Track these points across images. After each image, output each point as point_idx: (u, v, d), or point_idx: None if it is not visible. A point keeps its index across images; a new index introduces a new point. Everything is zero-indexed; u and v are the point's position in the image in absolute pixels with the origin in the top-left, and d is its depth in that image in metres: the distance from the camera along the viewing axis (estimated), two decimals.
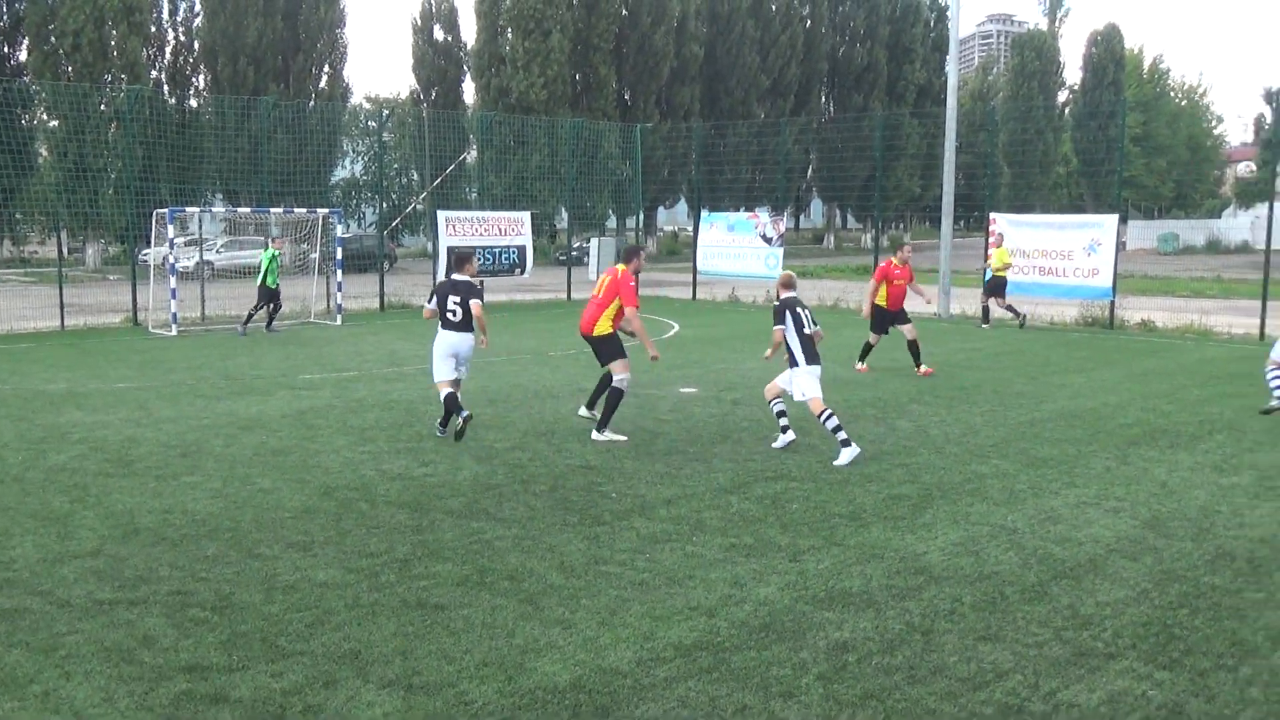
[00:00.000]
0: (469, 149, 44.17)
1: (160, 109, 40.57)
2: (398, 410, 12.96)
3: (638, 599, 6.60)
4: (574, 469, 9.95)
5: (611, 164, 43.31)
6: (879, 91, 69.32)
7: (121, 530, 7.98)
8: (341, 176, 58.58)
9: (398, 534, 7.91)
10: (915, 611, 6.43)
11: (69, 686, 5.38)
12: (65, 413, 12.79)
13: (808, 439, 11.30)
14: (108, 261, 46.99)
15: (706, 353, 18.70)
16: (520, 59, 53.76)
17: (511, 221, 28.93)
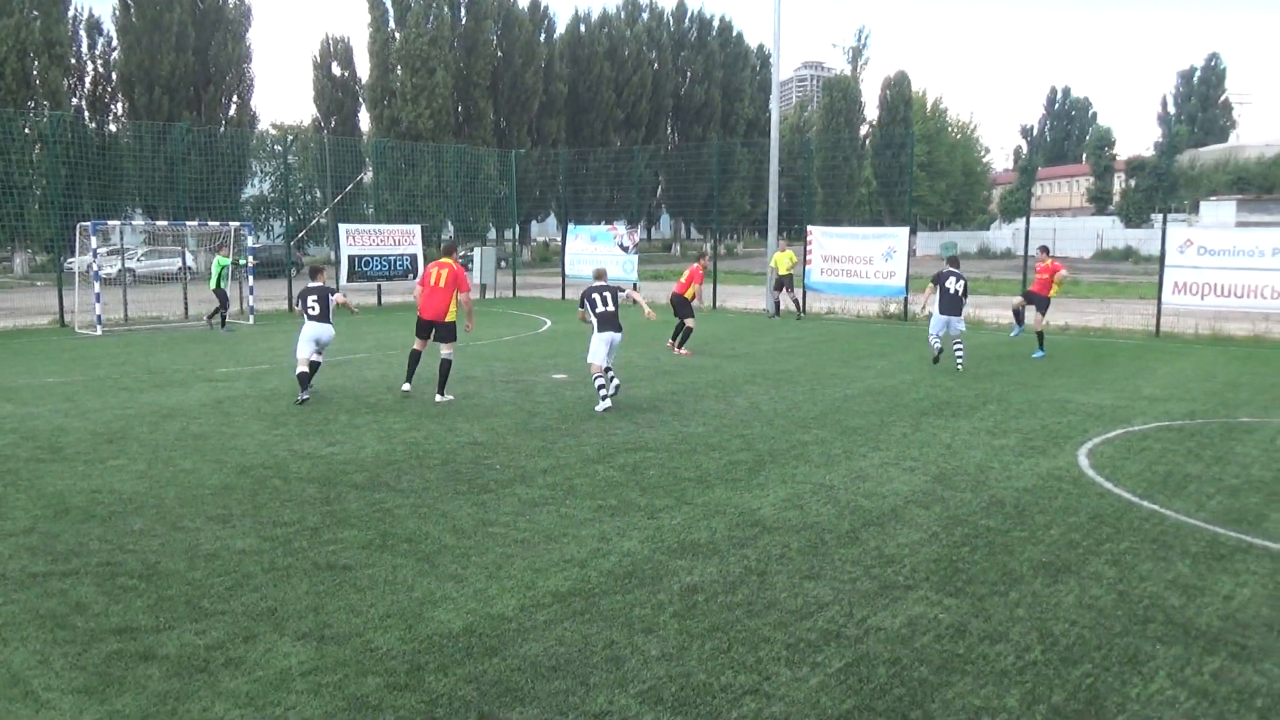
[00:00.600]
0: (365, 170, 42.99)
1: (81, 133, 38.35)
2: (307, 398, 12.53)
3: (520, 555, 6.56)
4: (463, 445, 9.81)
5: (490, 184, 42.76)
6: (715, 124, 70.16)
7: (53, 510, 7.54)
8: (251, 194, 56.33)
9: (308, 505, 7.68)
10: (752, 557, 6.54)
11: (6, 652, 5.07)
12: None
13: (660, 416, 11.37)
14: (35, 269, 44.27)
15: (575, 345, 18.64)
16: (409, 92, 52.60)
17: (404, 233, 28.34)
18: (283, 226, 48.82)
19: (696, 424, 10.89)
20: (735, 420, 11.13)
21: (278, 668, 4.90)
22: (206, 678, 4.80)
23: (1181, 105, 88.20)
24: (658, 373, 14.78)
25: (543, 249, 67.52)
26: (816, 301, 25.96)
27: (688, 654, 5.10)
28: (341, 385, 13.59)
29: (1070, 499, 7.96)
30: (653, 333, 20.49)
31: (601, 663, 4.99)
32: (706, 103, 70.15)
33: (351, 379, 14.19)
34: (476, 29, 55.71)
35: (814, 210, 44.38)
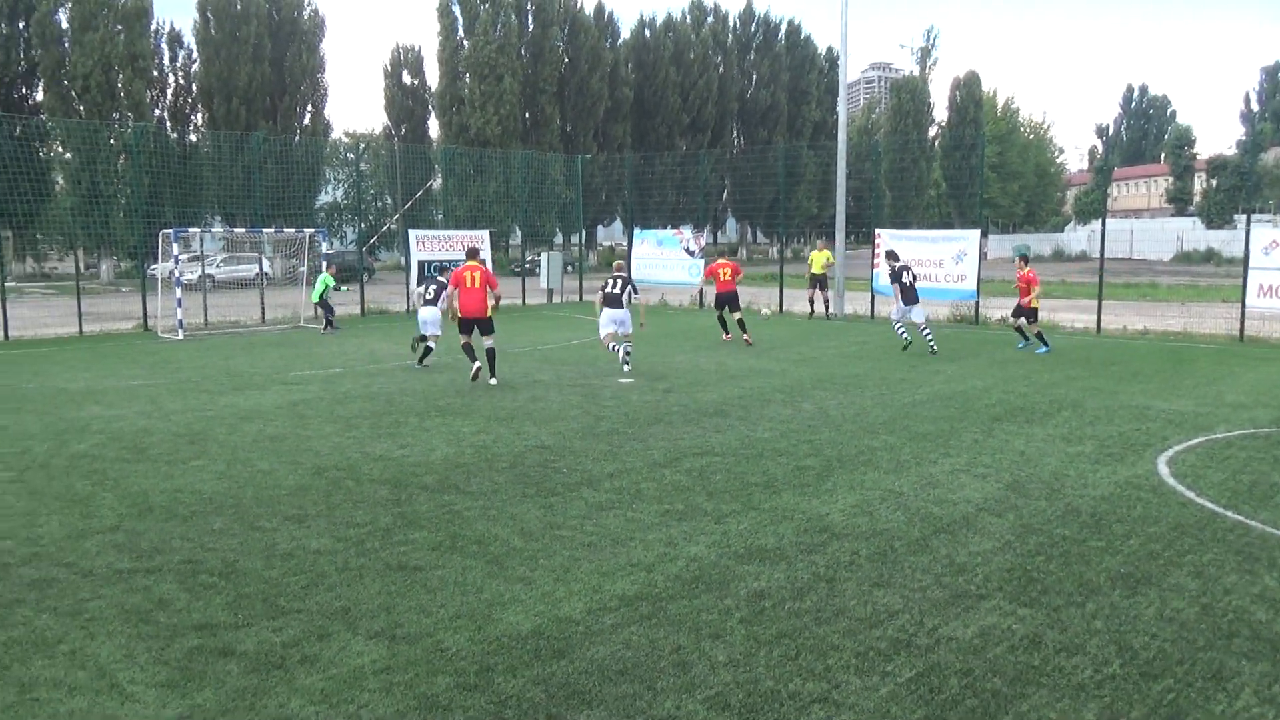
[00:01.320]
0: (434, 177, 43.63)
1: (164, 143, 39.60)
2: (379, 401, 12.78)
3: (587, 558, 6.59)
4: (530, 449, 9.89)
5: (557, 189, 43.08)
6: (781, 127, 69.79)
7: (137, 509, 7.78)
8: (325, 201, 57.56)
9: (380, 507, 7.81)
10: (820, 563, 6.48)
11: (93, 645, 5.24)
12: (85, 407, 12.44)
13: (727, 420, 11.34)
14: (120, 275, 45.75)
15: (641, 349, 18.67)
16: (477, 100, 53.29)
17: (472, 239, 28.69)
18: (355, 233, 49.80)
19: (763, 429, 10.84)
20: (802, 425, 11.04)
21: (351, 666, 5.00)
22: (283, 674, 4.91)
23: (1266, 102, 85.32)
24: (723, 377, 14.74)
25: (608, 253, 67.83)
26: (885, 306, 25.64)
27: (755, 660, 5.07)
28: (411, 388, 13.81)
29: (1150, 508, 7.74)
30: (716, 336, 20.45)
31: (668, 667, 4.99)
32: (773, 106, 69.82)
33: (421, 382, 14.40)
34: (543, 36, 56.24)
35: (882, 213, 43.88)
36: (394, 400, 12.82)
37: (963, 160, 65.10)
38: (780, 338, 20.60)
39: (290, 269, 32.80)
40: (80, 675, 4.91)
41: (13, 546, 6.85)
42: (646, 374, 15.11)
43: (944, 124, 73.54)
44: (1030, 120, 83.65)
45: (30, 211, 33.09)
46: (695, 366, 16.00)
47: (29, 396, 13.36)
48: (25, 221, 33.60)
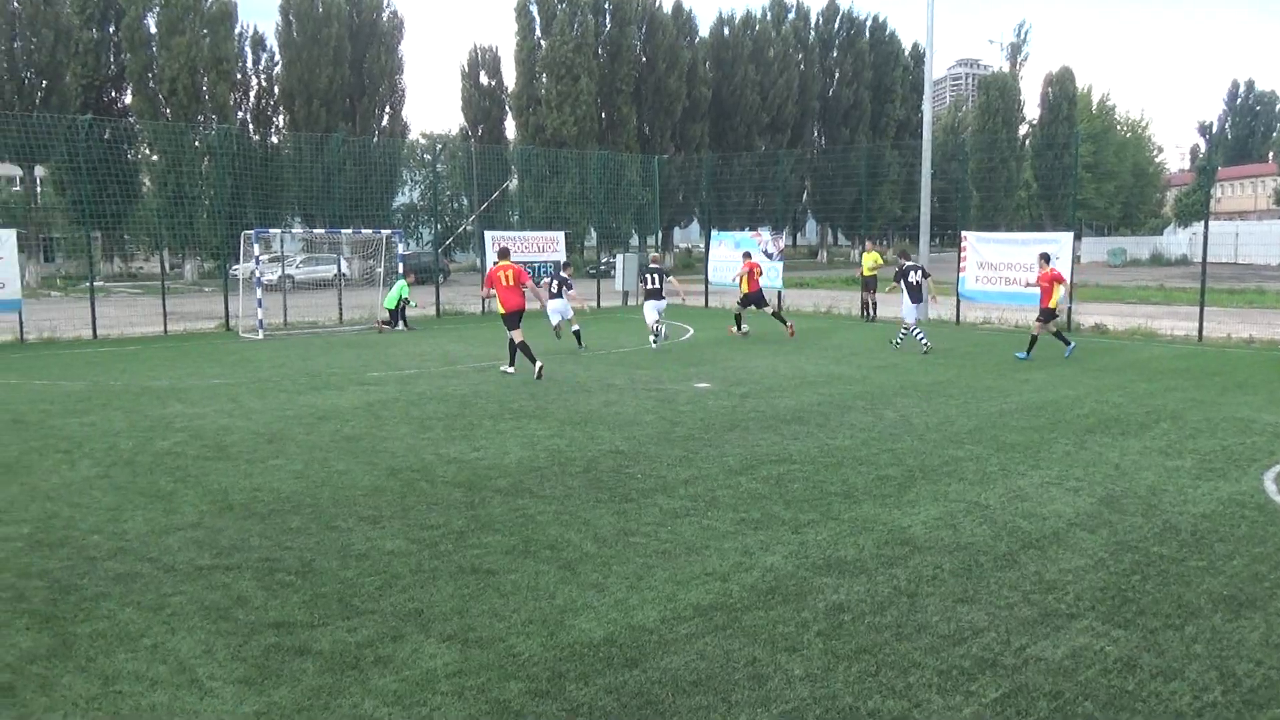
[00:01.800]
0: (511, 178, 44.16)
1: (246, 145, 40.83)
2: (453, 402, 12.98)
3: (661, 566, 6.59)
4: (605, 453, 9.94)
5: (633, 190, 43.24)
6: (864, 126, 69.04)
7: (218, 506, 8.02)
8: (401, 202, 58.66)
9: (454, 509, 7.93)
10: (902, 577, 6.39)
11: (174, 640, 5.41)
12: (169, 405, 12.88)
13: (805, 427, 11.24)
14: (203, 275, 47.29)
15: (718, 353, 18.66)
16: (554, 100, 53.79)
17: (548, 240, 28.94)
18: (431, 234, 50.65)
19: (843, 437, 10.72)
20: (884, 434, 10.90)
21: (424, 668, 5.07)
22: (357, 675, 5.01)
23: None
24: (802, 383, 14.63)
25: (685, 255, 67.85)
26: (971, 310, 25.19)
27: (833, 675, 5.01)
28: (485, 390, 13.99)
29: (1255, 527, 7.45)
30: (795, 342, 20.32)
31: (744, 680, 4.96)
32: (855, 104, 69.11)
33: (495, 384, 14.58)
34: (620, 35, 56.54)
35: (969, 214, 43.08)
36: (468, 402, 13.00)
37: (1055, 160, 63.61)
38: (862, 343, 20.37)
39: (367, 270, 33.49)
40: (161, 669, 5.07)
41: (100, 541, 7.12)
42: (723, 379, 15.08)
43: (1035, 122, 71.93)
44: (1127, 118, 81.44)
45: (118, 212, 34.44)
46: (773, 372, 15.90)
47: (116, 394, 13.88)
48: (114, 222, 34.96)
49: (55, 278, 43.84)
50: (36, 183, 43.84)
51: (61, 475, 9.08)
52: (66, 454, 9.95)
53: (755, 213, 52.79)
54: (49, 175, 42.82)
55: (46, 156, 35.10)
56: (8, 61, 41.00)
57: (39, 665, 5.11)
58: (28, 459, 9.74)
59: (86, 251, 26.24)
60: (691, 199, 57.16)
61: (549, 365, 16.23)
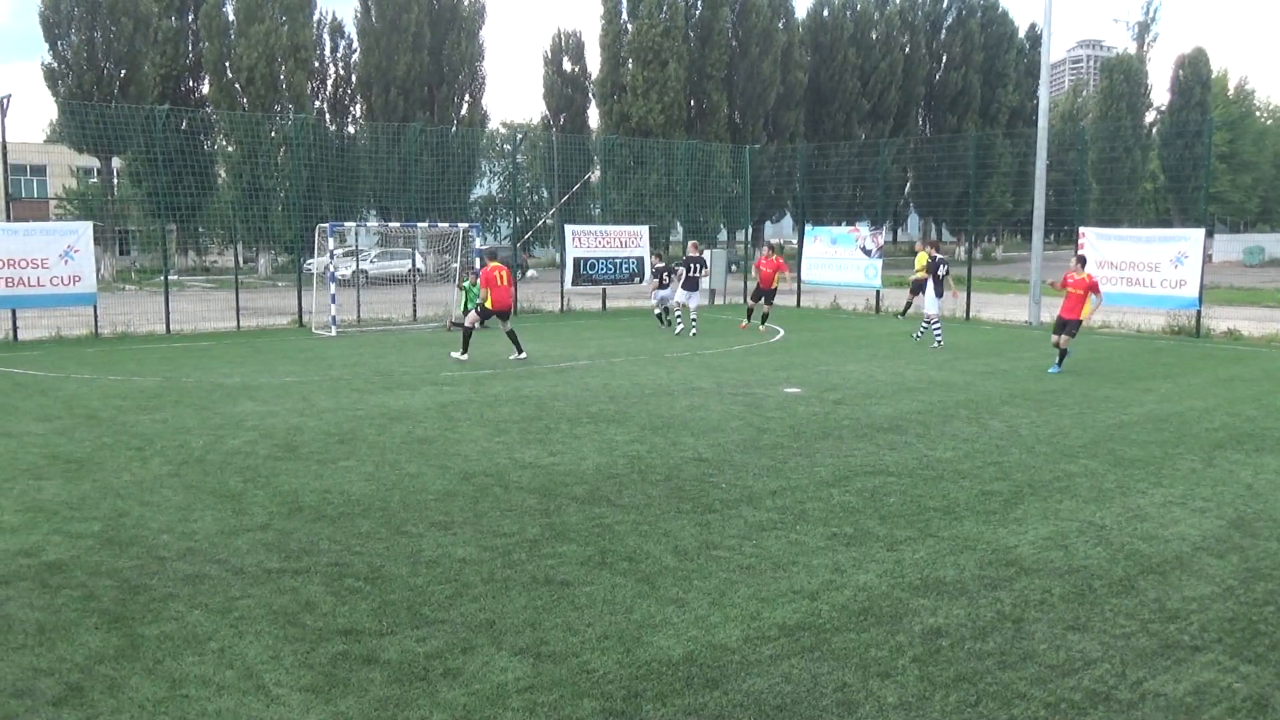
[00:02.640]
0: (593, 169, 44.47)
1: (322, 135, 41.84)
2: (529, 405, 13.12)
3: (745, 581, 6.57)
4: (687, 461, 9.94)
5: (723, 182, 43.13)
6: (973, 113, 67.75)
7: (287, 508, 8.25)
8: (479, 194, 59.47)
9: (528, 516, 8.01)
10: (1006, 601, 6.26)
11: (241, 644, 5.58)
12: (240, 403, 13.29)
13: (903, 437, 11.09)
14: (277, 270, 48.65)
15: (810, 356, 18.52)
16: (640, 87, 53.98)
17: (631, 235, 29.07)
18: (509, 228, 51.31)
19: (944, 448, 10.55)
20: (989, 445, 10.69)
21: (494, 682, 5.14)
22: (425, 686, 5.10)
23: None
24: (900, 389, 14.42)
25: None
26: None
27: (929, 704, 4.93)
28: (563, 393, 14.11)
29: None
30: (894, 344, 20.06)
31: (832, 706, 4.91)
32: (964, 90, 67.89)
33: (574, 386, 14.70)
34: (712, 17, 56.44)
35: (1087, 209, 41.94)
36: (545, 405, 13.13)
37: (1185, 149, 61.58)
38: (968, 346, 20.00)
39: (443, 265, 34.06)
40: (228, 674, 5.24)
41: (169, 541, 7.38)
42: (815, 384, 14.97)
43: (1163, 108, 69.75)
44: (1268, 103, 78.32)
45: (194, 205, 35.64)
46: (869, 377, 15.72)
47: (188, 390, 14.38)
48: (189, 215, 36.19)
49: (130, 271, 45.58)
50: (113, 174, 45.62)
51: (133, 473, 9.43)
52: (138, 451, 10.33)
53: (853, 206, 52.20)
54: (125, 167, 44.54)
55: (124, 148, 36.44)
56: (87, 51, 42.76)
57: (107, 666, 5.32)
58: (100, 455, 10.14)
59: (161, 245, 27.23)
60: (785, 192, 56.83)
61: (629, 364, 16.31)
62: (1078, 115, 79.33)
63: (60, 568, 6.79)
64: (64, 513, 8.07)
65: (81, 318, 22.50)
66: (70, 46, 43.05)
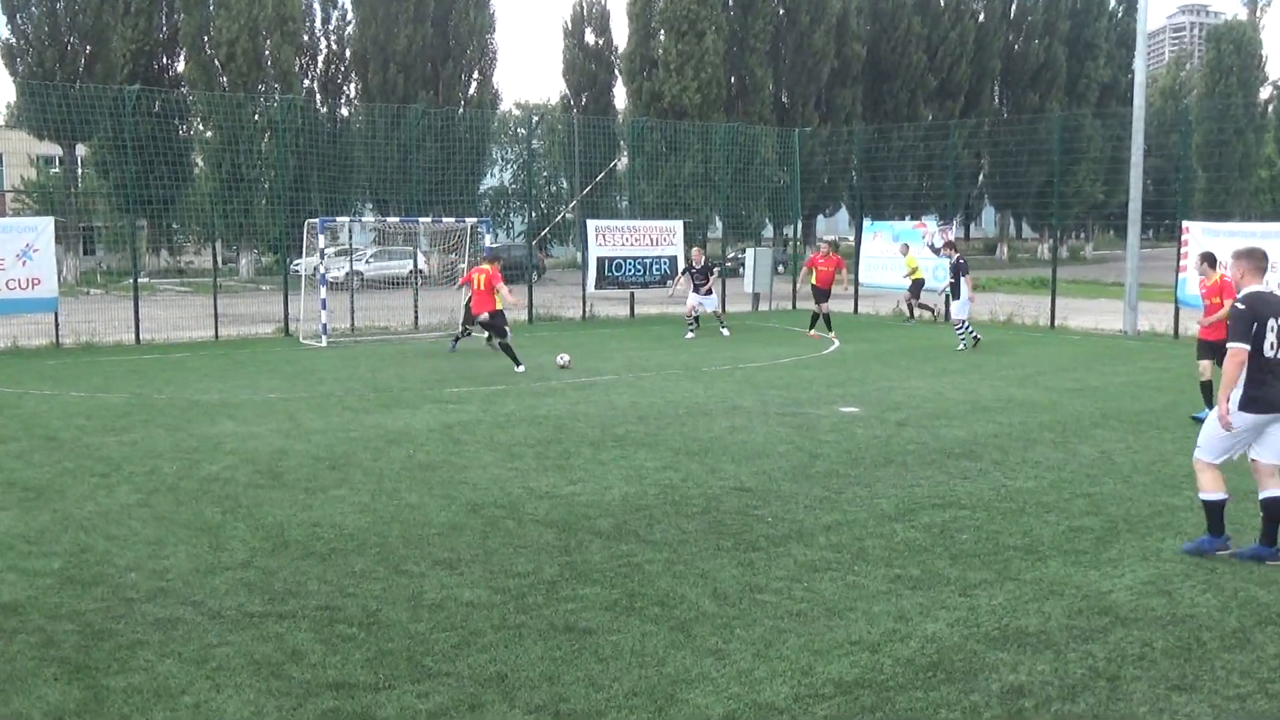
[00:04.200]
0: (619, 155, 44.63)
1: (312, 118, 42.29)
2: (546, 426, 13.15)
3: (795, 630, 6.54)
4: (728, 491, 9.93)
5: (768, 170, 43.07)
6: (1057, 90, 67.37)
7: (271, 542, 8.30)
8: (490, 185, 59.85)
9: (545, 554, 8.02)
10: (1099, 655, 6.20)
11: (219, 699, 5.61)
12: (218, 423, 13.40)
13: (978, 464, 11.02)
14: (261, 271, 49.12)
15: (869, 370, 18.46)
16: (673, 61, 54.12)
17: (663, 231, 29.14)
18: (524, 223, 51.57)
19: (1025, 477, 10.48)
20: (1078, 474, 10.61)
21: None
22: None
23: None
24: (974, 409, 14.35)
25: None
26: (1193, 321, 24.27)
27: None
28: (585, 412, 14.13)
29: None
30: (966, 358, 19.96)
31: None
32: (1046, 63, 67.54)
33: (597, 404, 14.72)
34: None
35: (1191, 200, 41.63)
36: (564, 425, 13.16)
37: None
38: (1053, 360, 19.86)
39: (448, 265, 34.22)
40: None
41: (138, 580, 7.44)
42: (875, 402, 14.92)
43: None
44: None
45: (167, 198, 36.07)
46: (938, 394, 15.65)
47: (160, 409, 14.52)
48: (161, 209, 36.64)
49: (96, 273, 46.16)
50: (77, 164, 46.20)
51: (97, 502, 9.53)
52: (104, 477, 10.44)
53: (918, 198, 52.07)
54: (91, 155, 45.11)
55: (89, 133, 36.93)
56: (49, 25, 43.41)
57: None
58: (61, 482, 10.25)
59: (130, 243, 27.55)
60: (839, 181, 56.70)
61: (660, 379, 16.34)
62: (1180, 92, 78.79)
63: (15, 609, 6.86)
64: (20, 547, 8.16)
65: (41, 326, 22.81)
66: (30, 20, 43.74)
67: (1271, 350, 7.74)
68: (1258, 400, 7.75)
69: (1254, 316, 7.74)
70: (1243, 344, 7.70)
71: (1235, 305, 7.91)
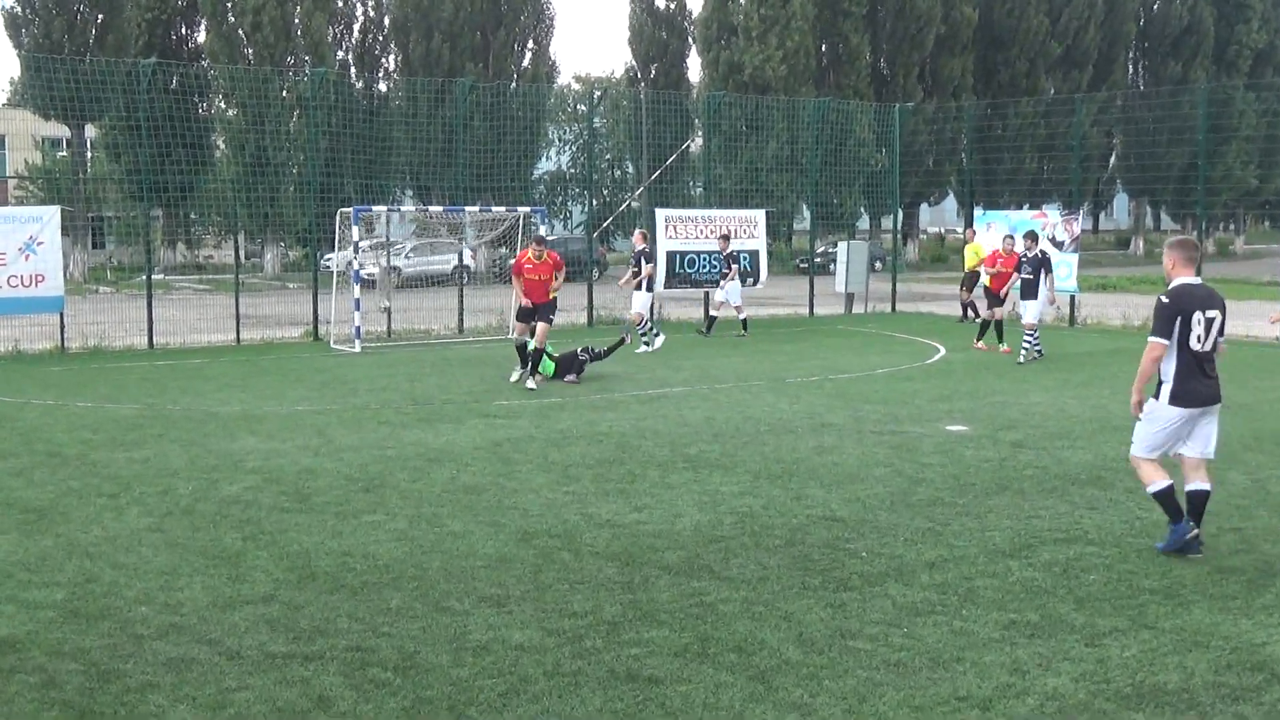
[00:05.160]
0: (693, 136, 44.65)
1: (346, 94, 42.73)
2: (607, 444, 13.17)
3: (893, 683, 6.48)
4: (816, 520, 9.87)
5: (864, 152, 42.91)
6: (1203, 58, 66.37)
7: (297, 574, 8.39)
8: (546, 170, 60.16)
9: (605, 591, 8.02)
10: (1253, 717, 6.08)
11: None
12: (239, 438, 13.59)
13: (1109, 493, 10.86)
14: (288, 267, 49.73)
15: (981, 382, 18.27)
16: (755, 28, 54.08)
17: (743, 222, 29.07)
18: (584, 213, 51.81)
19: None
20: (1226, 505, 10.41)
21: None
22: None
23: None
24: (1103, 428, 14.14)
25: (936, 245, 66.84)
26: None
27: None
28: (652, 428, 14.13)
29: None
30: (1094, 368, 19.68)
31: None
32: (1190, 27, 66.58)
33: (666, 420, 14.72)
34: None
35: None
36: (628, 444, 13.17)
37: None
38: None
39: (498, 260, 34.48)
40: None
41: (149, 614, 7.56)
42: (987, 420, 14.76)
43: None
44: None
45: (185, 185, 36.70)
46: (1060, 411, 15.45)
47: (174, 422, 14.76)
48: (179, 197, 37.29)
49: (105, 268, 47.06)
50: (86, 146, 47.13)
51: (105, 526, 9.70)
52: (112, 498, 10.63)
53: (1039, 184, 51.54)
54: (101, 137, 46.01)
55: (100, 113, 37.71)
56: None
57: None
58: (65, 503, 10.46)
59: (144, 235, 28.09)
60: (947, 164, 56.34)
61: (739, 391, 16.31)
62: None
63: (13, 646, 6.99)
64: (19, 576, 8.33)
65: (45, 327, 23.28)
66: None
67: (1198, 343, 8.69)
68: (1188, 394, 8.79)
69: (1178, 310, 8.67)
70: (1162, 339, 8.75)
71: (1160, 299, 8.82)
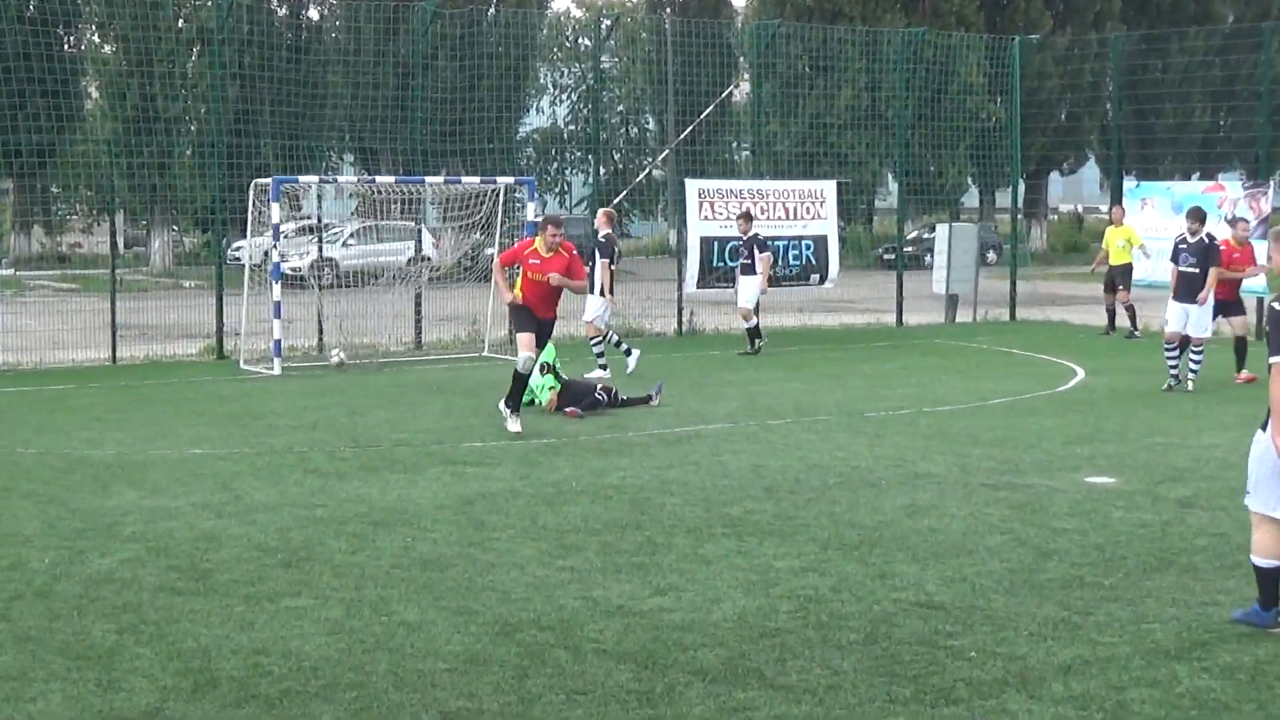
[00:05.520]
0: (737, 80, 44.62)
1: (264, 24, 42.70)
2: (619, 502, 13.11)
3: None
4: (906, 607, 9.80)
5: (972, 102, 42.81)
6: None
7: (192, 680, 8.32)
8: (536, 126, 60.12)
9: (616, 704, 7.96)
10: None
11: None
12: (115, 492, 13.54)
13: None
14: (183, 260, 49.67)
15: (1133, 417, 18.20)
16: None
17: (806, 196, 28.94)
18: (587, 185, 51.79)
19: None
20: None
21: None
22: None
23: None
24: None
25: (1070, 228, 66.71)
26: None
27: None
28: (680, 479, 14.06)
29: None
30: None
31: None
32: None
33: (700, 468, 14.66)
34: None
35: None
36: (647, 501, 13.10)
37: None
38: None
39: (471, 248, 34.35)
40: None
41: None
42: (1142, 469, 14.67)
43: None
44: None
45: (43, 147, 36.69)
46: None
47: (26, 470, 14.74)
48: (35, 164, 37.26)
49: None
50: None
51: None
52: None
53: (1211, 144, 51.35)
54: None
55: None
56: None
57: None
58: None
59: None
60: (1086, 119, 56.25)
61: (799, 428, 16.27)
62: None
63: None
64: None
65: None
66: None
67: None
68: None
69: None
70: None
71: (1272, 305, 8.74)
